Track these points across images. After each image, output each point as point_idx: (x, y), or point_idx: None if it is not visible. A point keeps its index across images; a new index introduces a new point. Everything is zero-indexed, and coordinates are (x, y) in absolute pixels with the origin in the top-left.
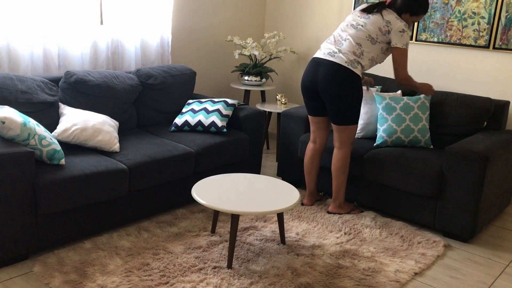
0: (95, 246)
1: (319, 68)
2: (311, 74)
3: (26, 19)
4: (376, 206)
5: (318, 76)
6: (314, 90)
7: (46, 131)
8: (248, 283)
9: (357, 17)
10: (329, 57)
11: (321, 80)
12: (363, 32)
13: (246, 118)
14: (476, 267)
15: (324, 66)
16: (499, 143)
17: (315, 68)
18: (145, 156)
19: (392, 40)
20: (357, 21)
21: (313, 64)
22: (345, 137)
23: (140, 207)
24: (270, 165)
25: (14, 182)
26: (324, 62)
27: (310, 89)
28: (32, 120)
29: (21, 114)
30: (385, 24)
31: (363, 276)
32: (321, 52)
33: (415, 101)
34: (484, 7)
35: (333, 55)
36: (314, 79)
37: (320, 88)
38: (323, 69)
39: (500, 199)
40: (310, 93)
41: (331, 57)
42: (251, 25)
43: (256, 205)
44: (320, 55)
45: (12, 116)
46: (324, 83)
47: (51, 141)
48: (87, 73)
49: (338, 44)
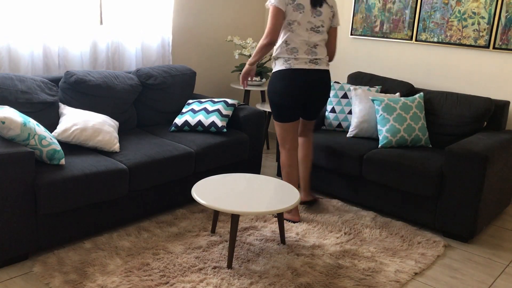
0: (95, 246)
1: (311, 77)
2: (303, 84)
3: (26, 20)
4: (376, 206)
5: (312, 84)
6: (302, 98)
7: (46, 131)
8: (248, 283)
9: (312, 18)
10: (316, 66)
11: (317, 88)
12: (324, 33)
13: (246, 118)
14: (476, 267)
15: (317, 74)
16: (499, 143)
17: (305, 77)
18: (145, 156)
19: (335, 23)
20: (314, 23)
21: (301, 75)
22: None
23: (140, 207)
24: (270, 165)
25: (14, 182)
26: (314, 71)
27: (299, 98)
28: (32, 120)
29: (21, 114)
30: (331, 11)
31: (363, 276)
32: (303, 61)
33: (412, 101)
34: (484, 7)
35: (317, 62)
36: (308, 88)
37: (315, 94)
38: (316, 77)
39: (500, 199)
40: (298, 101)
41: (317, 65)
42: (251, 25)
43: (256, 205)
44: (306, 66)
45: (12, 116)
46: (320, 91)
47: (51, 141)
48: (87, 73)
49: (313, 54)
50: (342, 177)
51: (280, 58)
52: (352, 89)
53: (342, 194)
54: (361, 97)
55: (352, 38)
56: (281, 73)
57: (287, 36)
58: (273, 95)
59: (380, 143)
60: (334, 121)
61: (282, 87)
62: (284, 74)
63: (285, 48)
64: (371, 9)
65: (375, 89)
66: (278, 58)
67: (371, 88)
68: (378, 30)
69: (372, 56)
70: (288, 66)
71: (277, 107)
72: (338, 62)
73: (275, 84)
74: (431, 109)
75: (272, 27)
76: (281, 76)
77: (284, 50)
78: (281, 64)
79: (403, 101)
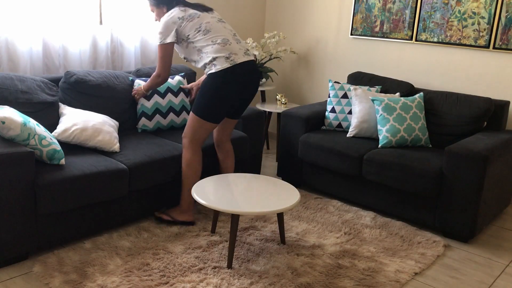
0: (95, 246)
1: (253, 70)
2: (251, 78)
3: (26, 19)
4: (376, 206)
5: (254, 77)
6: (245, 94)
7: (46, 131)
8: (248, 283)
9: (214, 15)
10: (251, 57)
11: (257, 81)
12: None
13: (246, 118)
14: (476, 267)
15: (255, 66)
16: (499, 143)
17: (248, 71)
18: (145, 156)
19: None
20: (217, 18)
21: (249, 69)
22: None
23: (140, 207)
24: (270, 165)
25: (14, 182)
26: (253, 63)
27: (245, 95)
28: (32, 120)
29: (21, 114)
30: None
31: (363, 276)
32: (241, 52)
33: (412, 101)
34: (484, 7)
35: (250, 54)
36: (254, 82)
37: (255, 88)
38: (256, 69)
39: (500, 199)
40: (241, 99)
41: (250, 56)
42: (251, 25)
43: (256, 205)
44: (246, 58)
45: (12, 116)
46: (258, 83)
47: (51, 141)
48: (87, 73)
49: (239, 42)
50: (342, 177)
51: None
52: (352, 89)
53: (342, 194)
54: (361, 97)
55: (352, 38)
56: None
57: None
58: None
59: (380, 143)
60: (334, 121)
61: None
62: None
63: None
64: (371, 9)
65: (375, 89)
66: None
67: (371, 88)
68: (378, 30)
69: (372, 56)
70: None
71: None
72: (338, 62)
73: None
74: (431, 109)
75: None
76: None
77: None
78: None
79: (403, 101)
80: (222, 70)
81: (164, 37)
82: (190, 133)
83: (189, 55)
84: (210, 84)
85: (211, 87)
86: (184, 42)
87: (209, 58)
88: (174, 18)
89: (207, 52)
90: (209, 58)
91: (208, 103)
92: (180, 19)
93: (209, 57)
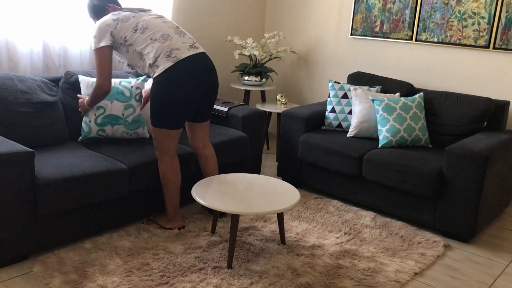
0: (95, 246)
1: (202, 62)
2: (202, 72)
3: (26, 19)
4: (376, 206)
5: (209, 72)
6: (203, 91)
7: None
8: (248, 283)
9: (150, 14)
10: (200, 50)
11: (213, 75)
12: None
13: (246, 118)
14: (476, 267)
15: (207, 60)
16: (499, 143)
17: (197, 64)
18: (145, 156)
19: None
20: (155, 15)
21: (197, 63)
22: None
23: (140, 207)
24: (270, 165)
25: (14, 182)
26: (203, 55)
27: (202, 92)
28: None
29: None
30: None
31: (363, 276)
32: (185, 46)
33: (412, 101)
34: (484, 7)
35: (197, 46)
36: (208, 76)
37: (214, 85)
38: (209, 62)
39: (500, 199)
40: (198, 98)
41: (198, 49)
42: (251, 25)
43: (256, 205)
44: (192, 51)
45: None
46: (215, 77)
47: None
48: (87, 73)
49: (184, 35)
50: (342, 177)
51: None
52: (352, 89)
53: (342, 194)
54: (361, 97)
55: (352, 38)
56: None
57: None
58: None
59: (380, 143)
60: (334, 121)
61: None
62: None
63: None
64: (371, 9)
65: (375, 89)
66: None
67: (371, 88)
68: (378, 30)
69: (372, 56)
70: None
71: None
72: (338, 62)
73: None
74: (431, 109)
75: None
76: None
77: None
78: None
79: (403, 101)
80: (165, 70)
81: (99, 40)
82: (157, 146)
83: (132, 61)
84: (156, 89)
85: (158, 92)
86: (123, 47)
87: (151, 59)
88: (108, 21)
89: (148, 53)
90: (151, 59)
91: (161, 110)
92: (115, 21)
93: (151, 58)
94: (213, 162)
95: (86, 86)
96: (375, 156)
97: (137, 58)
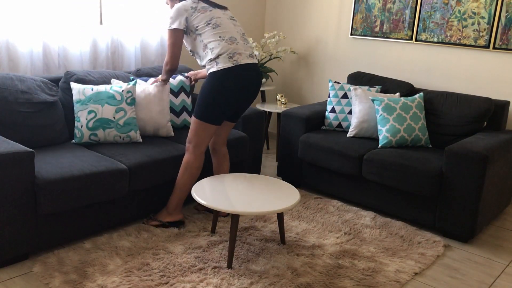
0: (95, 246)
1: (255, 73)
2: (252, 81)
3: (26, 19)
4: (376, 206)
5: (255, 81)
6: (247, 97)
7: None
8: (248, 283)
9: (226, 13)
10: (255, 60)
11: (259, 85)
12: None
13: (246, 118)
14: (476, 267)
15: (258, 71)
16: (499, 143)
17: (250, 73)
18: (145, 156)
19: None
20: (229, 16)
21: (251, 72)
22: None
23: (140, 207)
24: (270, 165)
25: (14, 182)
26: (256, 66)
27: (246, 97)
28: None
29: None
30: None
31: (363, 276)
32: (246, 54)
33: (412, 101)
34: (484, 7)
35: (254, 57)
36: (255, 86)
37: (256, 93)
38: (259, 73)
39: (500, 199)
40: (241, 101)
41: (254, 59)
42: (251, 25)
43: (256, 205)
44: (250, 60)
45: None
46: (259, 88)
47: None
48: (87, 73)
49: (247, 42)
50: (342, 177)
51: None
52: (352, 89)
53: (342, 194)
54: (361, 97)
55: (352, 38)
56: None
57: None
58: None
59: (380, 143)
60: (334, 121)
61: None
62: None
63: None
64: (371, 9)
65: (375, 89)
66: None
67: (371, 88)
68: (378, 30)
69: (372, 56)
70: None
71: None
72: (338, 62)
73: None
74: (431, 109)
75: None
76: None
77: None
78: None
79: (403, 101)
80: (224, 69)
81: (173, 21)
82: (193, 138)
83: (195, 49)
84: (210, 84)
85: (211, 87)
86: (192, 34)
87: (214, 54)
88: (186, 6)
89: (213, 49)
90: (214, 54)
91: (209, 104)
92: (193, 9)
93: (214, 54)
94: (228, 161)
95: (77, 92)
96: (375, 156)
97: (200, 48)
